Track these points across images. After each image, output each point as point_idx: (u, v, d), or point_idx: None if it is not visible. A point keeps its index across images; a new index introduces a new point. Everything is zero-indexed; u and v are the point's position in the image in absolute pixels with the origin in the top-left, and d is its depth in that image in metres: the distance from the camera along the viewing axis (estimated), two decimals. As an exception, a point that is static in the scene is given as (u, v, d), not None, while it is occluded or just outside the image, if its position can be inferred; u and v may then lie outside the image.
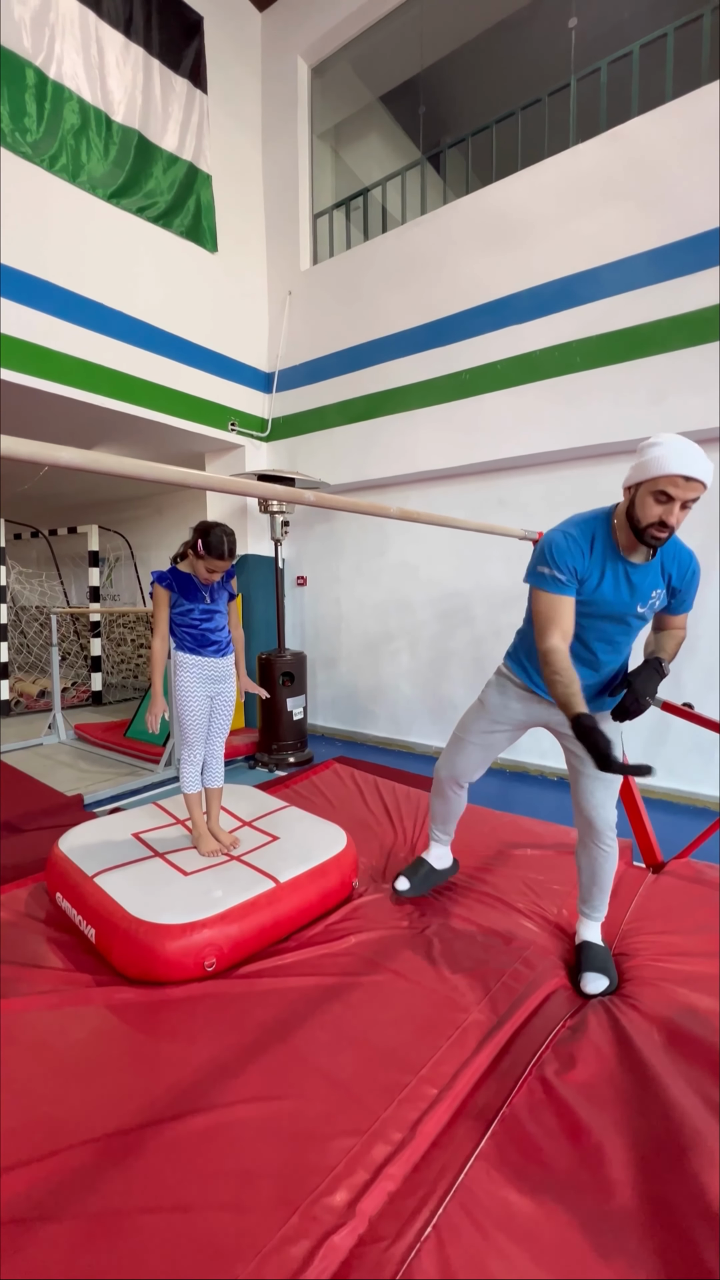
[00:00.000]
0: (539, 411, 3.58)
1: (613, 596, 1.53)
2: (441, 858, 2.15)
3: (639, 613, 1.56)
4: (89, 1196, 1.05)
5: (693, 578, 1.58)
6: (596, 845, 1.77)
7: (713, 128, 3.00)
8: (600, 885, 1.81)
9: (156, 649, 2.11)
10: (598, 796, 1.73)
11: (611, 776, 1.71)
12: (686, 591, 1.59)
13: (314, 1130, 1.19)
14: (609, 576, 1.51)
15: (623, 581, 1.52)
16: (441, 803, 2.07)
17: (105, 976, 1.70)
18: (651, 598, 1.55)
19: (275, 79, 4.90)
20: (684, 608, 1.63)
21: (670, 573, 1.56)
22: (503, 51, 4.62)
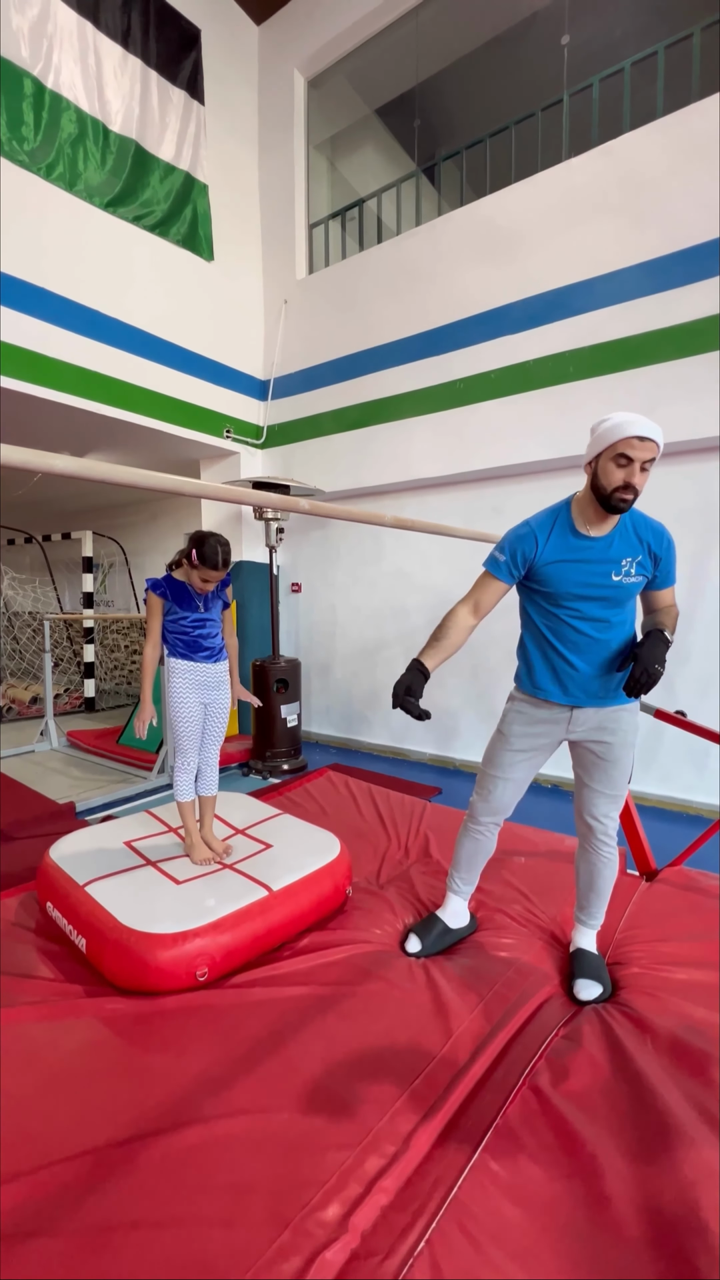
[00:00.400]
0: (532, 421, 3.61)
1: (578, 572, 1.59)
2: (458, 914, 1.95)
3: (614, 581, 1.58)
4: (79, 1211, 1.04)
5: (669, 546, 1.62)
6: (597, 853, 1.76)
7: (703, 144, 3.05)
8: (598, 892, 1.80)
9: (148, 655, 2.12)
10: (601, 808, 1.73)
11: (620, 792, 1.72)
12: (667, 560, 1.62)
13: (307, 1143, 1.18)
14: (570, 554, 1.59)
15: (587, 555, 1.59)
16: (471, 844, 1.91)
17: (96, 987, 1.68)
18: (624, 565, 1.58)
19: (272, 91, 4.95)
20: (668, 580, 1.65)
21: (647, 541, 1.60)
22: (497, 66, 4.69)
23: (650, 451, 1.45)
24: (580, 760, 1.75)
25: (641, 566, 1.59)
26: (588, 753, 1.71)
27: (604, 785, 1.70)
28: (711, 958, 1.80)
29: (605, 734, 1.67)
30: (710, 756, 3.23)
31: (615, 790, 1.72)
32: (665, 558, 1.61)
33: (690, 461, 3.28)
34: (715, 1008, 1.57)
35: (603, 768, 1.69)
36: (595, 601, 1.61)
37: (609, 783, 1.70)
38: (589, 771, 1.72)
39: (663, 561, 1.62)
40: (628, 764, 1.70)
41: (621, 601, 1.62)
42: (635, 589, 1.62)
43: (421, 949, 1.86)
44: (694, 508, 3.27)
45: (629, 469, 1.45)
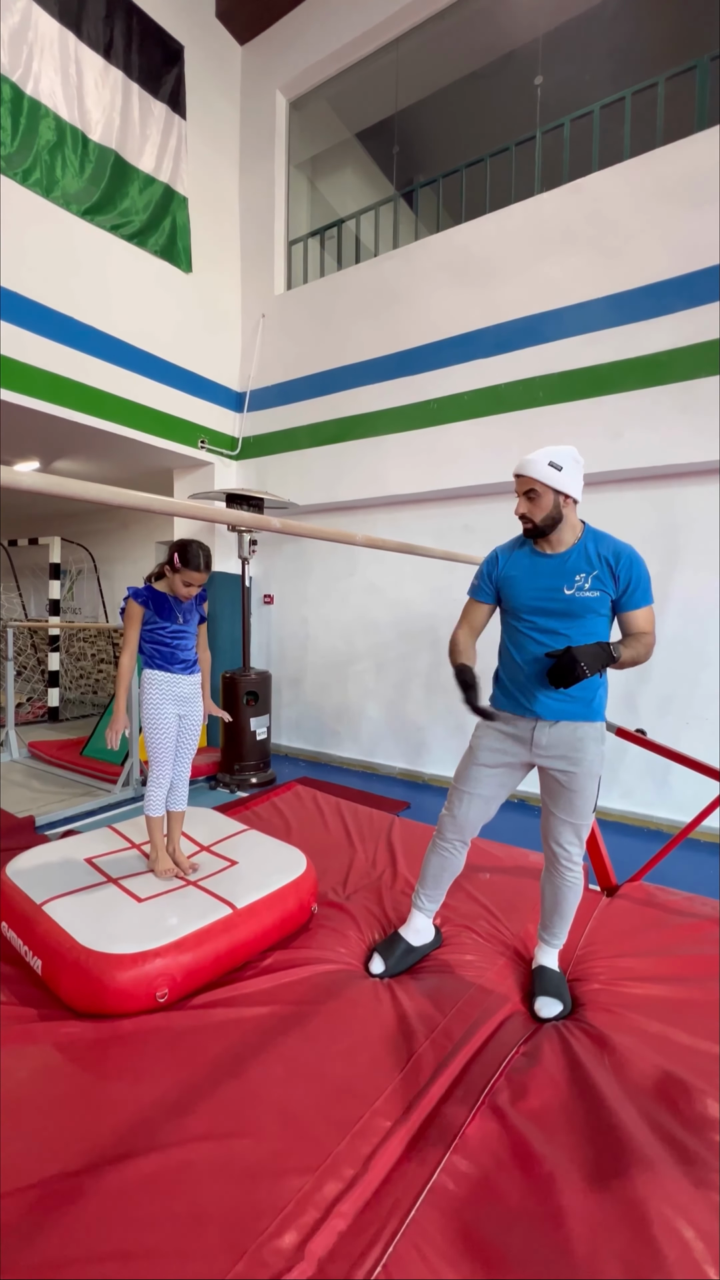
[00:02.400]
0: (503, 442, 3.70)
1: (532, 584, 1.73)
2: (421, 931, 1.96)
3: (566, 595, 1.67)
4: (27, 1247, 1.01)
5: (632, 564, 1.65)
6: (561, 878, 1.79)
7: (666, 187, 3.20)
8: (561, 914, 1.82)
9: (124, 664, 2.09)
10: (565, 836, 1.76)
11: (584, 821, 1.74)
12: (634, 580, 1.65)
13: (265, 1168, 1.17)
14: (527, 569, 1.76)
15: (540, 570, 1.73)
16: (438, 860, 1.91)
17: (51, 1010, 1.63)
18: (577, 579, 1.66)
19: (254, 110, 5.01)
20: (634, 602, 1.66)
21: (606, 559, 1.66)
22: (473, 101, 4.84)
23: (524, 484, 1.69)
24: (546, 787, 1.78)
25: (598, 582, 1.65)
26: (553, 780, 1.74)
27: (567, 814, 1.73)
28: (669, 973, 1.84)
29: (569, 763, 1.70)
30: (670, 773, 3.33)
31: (578, 819, 1.74)
32: (627, 578, 1.64)
33: (651, 487, 3.41)
34: (672, 1023, 1.61)
35: (566, 796, 1.72)
36: (550, 615, 1.70)
37: (572, 811, 1.73)
38: (554, 799, 1.75)
39: (625, 582, 1.65)
40: (591, 794, 1.72)
41: (576, 615, 1.67)
42: (591, 603, 1.66)
43: (385, 969, 1.85)
44: (655, 532, 3.39)
45: (519, 502, 1.72)
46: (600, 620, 1.68)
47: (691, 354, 3.11)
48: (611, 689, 3.50)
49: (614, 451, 3.32)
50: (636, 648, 1.64)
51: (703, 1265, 1.01)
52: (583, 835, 1.77)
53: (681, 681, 3.33)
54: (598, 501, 3.58)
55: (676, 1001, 1.70)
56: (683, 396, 3.13)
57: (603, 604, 1.66)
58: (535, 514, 1.67)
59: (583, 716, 1.69)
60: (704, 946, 1.97)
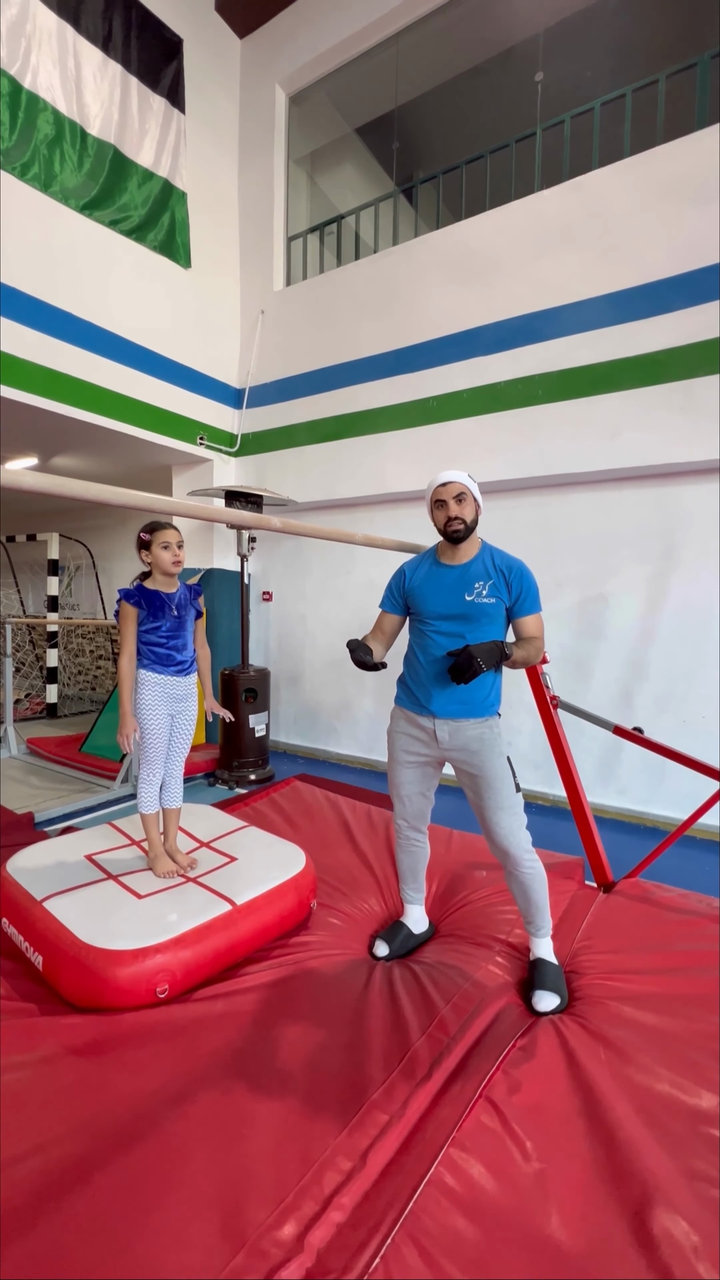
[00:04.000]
0: (502, 441, 3.70)
1: (436, 593, 1.89)
2: (418, 921, 2.10)
3: (467, 601, 1.83)
4: (28, 1235, 1.02)
5: (523, 576, 1.84)
6: (519, 870, 1.82)
7: (666, 185, 3.20)
8: (536, 905, 1.86)
9: (124, 667, 2.07)
10: (503, 824, 1.80)
11: (510, 803, 1.81)
12: (524, 590, 1.83)
13: (264, 1161, 1.18)
14: (431, 580, 1.92)
15: (443, 580, 1.88)
16: (406, 856, 2.08)
17: (52, 1006, 1.65)
18: (476, 587, 1.83)
19: (253, 104, 4.99)
20: (528, 609, 1.84)
21: (501, 570, 1.84)
22: (474, 97, 4.83)
23: (455, 489, 1.82)
24: (465, 785, 1.88)
25: (495, 589, 1.82)
26: (465, 774, 1.86)
27: (490, 798, 1.80)
28: (665, 968, 1.86)
29: (471, 754, 1.82)
30: (666, 770, 3.34)
31: (503, 801, 1.79)
32: (518, 588, 1.83)
33: (649, 486, 3.42)
34: (668, 1018, 1.63)
35: (482, 782, 1.81)
36: (452, 619, 1.85)
37: (494, 795, 1.80)
38: (475, 791, 1.85)
39: (518, 591, 1.83)
40: (505, 773, 1.80)
41: (475, 619, 1.83)
42: (488, 609, 1.82)
43: (390, 952, 1.97)
44: (654, 530, 3.40)
45: (446, 508, 1.83)
46: (495, 625, 1.85)
47: (690, 353, 3.12)
48: (609, 687, 3.55)
49: (612, 450, 3.33)
50: (528, 649, 1.79)
51: (695, 1261, 1.02)
52: (520, 818, 1.82)
53: (679, 680, 3.35)
54: (596, 500, 3.60)
55: (672, 996, 1.72)
56: (681, 396, 3.14)
57: (498, 610, 1.83)
58: (467, 514, 1.83)
59: (474, 714, 1.83)
60: (700, 942, 1.98)
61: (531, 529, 3.81)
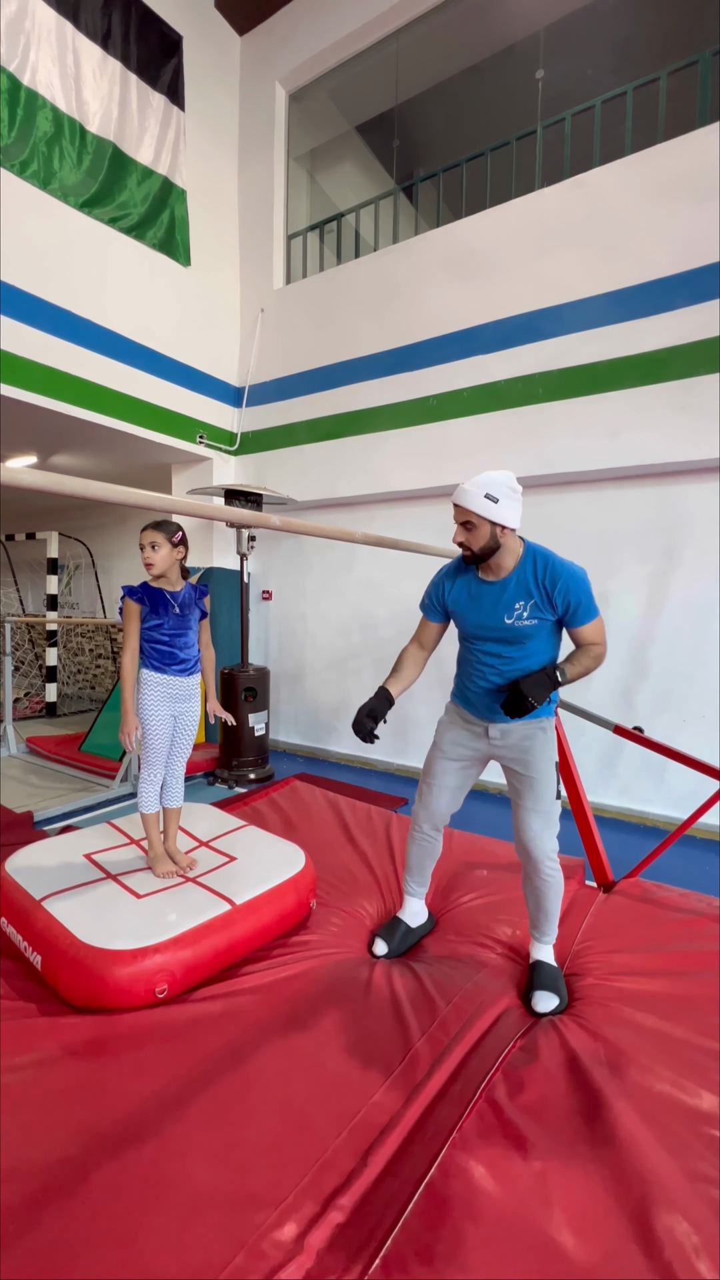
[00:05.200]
0: (502, 439, 3.70)
1: (474, 612, 1.78)
2: (416, 914, 2.10)
3: (507, 624, 1.72)
4: (29, 1235, 1.02)
5: (568, 588, 1.65)
6: (538, 875, 1.80)
7: (667, 183, 3.19)
8: (546, 913, 1.84)
9: (126, 665, 2.06)
10: (534, 828, 1.78)
11: (547, 808, 1.78)
12: (573, 602, 1.66)
13: (264, 1161, 1.18)
14: (469, 598, 1.80)
15: (482, 600, 1.76)
16: (418, 849, 2.05)
17: (51, 1005, 1.64)
18: (516, 608, 1.70)
19: (253, 102, 4.98)
20: (578, 620, 1.69)
21: (544, 585, 1.68)
22: (474, 94, 4.82)
23: (460, 515, 1.68)
24: (509, 779, 1.87)
25: (536, 610, 1.68)
26: (511, 771, 1.84)
27: (530, 801, 1.79)
28: (665, 968, 1.86)
29: (523, 752, 1.79)
30: (667, 770, 3.34)
31: (541, 806, 1.78)
32: (564, 602, 1.66)
33: (650, 485, 3.41)
34: (668, 1018, 1.63)
35: (526, 783, 1.79)
36: (493, 641, 1.76)
37: (534, 798, 1.78)
38: (516, 789, 1.83)
39: (564, 605, 1.67)
40: (550, 778, 1.78)
41: (519, 641, 1.72)
42: (533, 630, 1.70)
43: (389, 950, 1.96)
44: (654, 530, 3.39)
45: (457, 530, 1.71)
46: (544, 640, 1.74)
47: (691, 351, 3.11)
48: (609, 686, 3.54)
49: (613, 449, 3.32)
50: (584, 660, 1.70)
51: (697, 1262, 1.02)
52: (550, 828, 1.79)
53: (679, 679, 3.35)
54: (596, 499, 3.59)
55: (672, 996, 1.72)
56: (682, 394, 3.13)
57: (543, 629, 1.71)
58: (473, 543, 1.69)
59: (531, 715, 1.76)
60: (700, 942, 1.98)
61: (531, 528, 3.77)
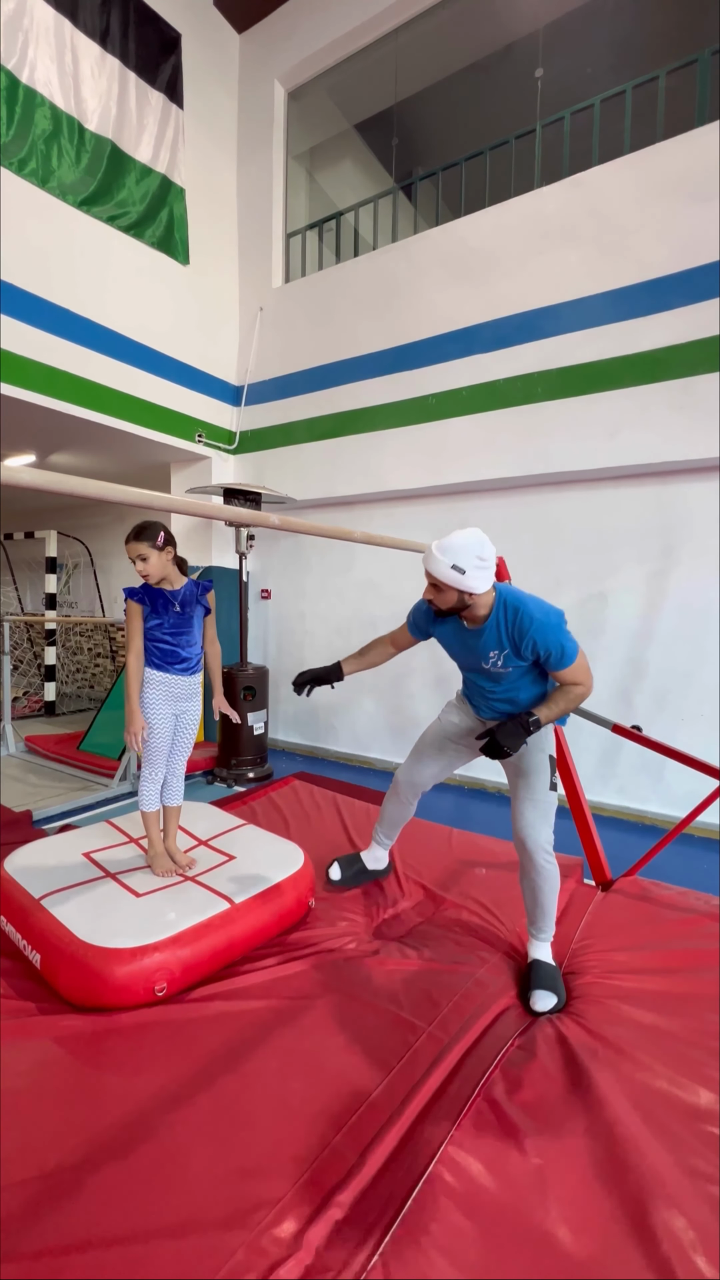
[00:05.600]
0: (501, 439, 3.70)
1: (460, 650, 1.89)
2: (378, 859, 2.32)
3: (485, 669, 1.81)
4: (27, 1236, 1.02)
5: (535, 641, 1.67)
6: (533, 867, 1.82)
7: (667, 182, 3.19)
8: (543, 908, 1.85)
9: (132, 665, 2.05)
10: (528, 816, 1.82)
11: (541, 799, 1.82)
12: (543, 652, 1.69)
13: (263, 1159, 1.18)
14: (454, 636, 1.87)
15: (463, 641, 1.84)
16: (394, 805, 2.23)
17: (50, 1004, 1.64)
18: (491, 656, 1.76)
19: (252, 100, 4.97)
20: (554, 666, 1.71)
21: (512, 638, 1.71)
22: (473, 92, 4.81)
23: (430, 579, 1.71)
24: (506, 772, 1.94)
25: (510, 659, 1.74)
26: (506, 763, 1.90)
27: (524, 791, 1.84)
28: (664, 967, 1.86)
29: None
30: (665, 769, 3.35)
31: (535, 795, 1.82)
32: (532, 654, 1.70)
33: (649, 484, 3.41)
34: (666, 1016, 1.63)
35: (520, 774, 1.86)
36: (479, 675, 1.88)
37: (528, 789, 1.83)
38: (511, 781, 1.90)
39: (533, 656, 1.71)
40: (545, 770, 1.83)
41: (510, 680, 1.80)
42: (517, 673, 1.78)
43: (341, 878, 2.24)
44: (653, 528, 3.40)
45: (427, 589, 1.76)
46: (526, 677, 1.80)
47: (690, 351, 3.11)
48: (608, 685, 3.55)
49: (612, 448, 3.33)
50: (562, 702, 1.74)
51: (694, 1258, 1.02)
52: (545, 818, 1.82)
53: (678, 678, 3.35)
54: (595, 498, 3.59)
55: (670, 995, 1.72)
56: (681, 394, 3.13)
57: (522, 670, 1.78)
58: (441, 604, 1.74)
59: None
60: (698, 940, 1.99)
61: (530, 527, 3.81)
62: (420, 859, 2.61)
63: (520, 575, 3.49)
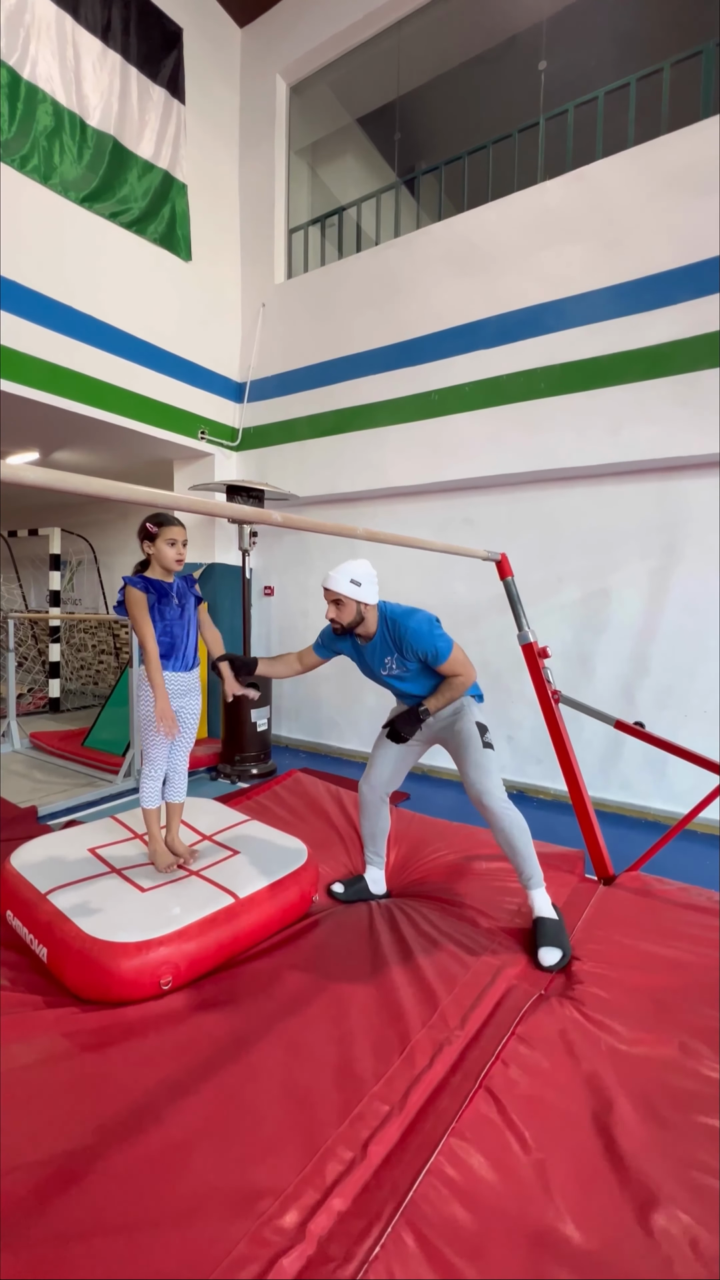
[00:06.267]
0: (504, 435, 3.69)
1: (361, 663, 2.16)
2: (376, 882, 2.33)
3: (383, 675, 2.10)
4: (34, 1223, 1.03)
5: (414, 642, 1.97)
6: (494, 817, 2.00)
7: (671, 175, 3.17)
8: (521, 853, 2.01)
9: (150, 652, 2.00)
10: (473, 776, 2.02)
11: (479, 758, 2.02)
12: (421, 650, 1.97)
13: (265, 1151, 1.20)
14: (353, 651, 2.16)
15: (360, 656, 2.14)
16: (367, 819, 2.30)
17: (57, 998, 1.66)
18: (386, 663, 2.06)
19: (254, 94, 4.95)
20: (433, 660, 1.99)
21: (397, 644, 2.01)
22: (476, 86, 4.78)
23: (331, 595, 2.01)
24: (449, 751, 2.13)
25: (400, 661, 2.03)
26: (446, 743, 2.13)
27: (465, 758, 2.05)
28: (663, 961, 1.87)
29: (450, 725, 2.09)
30: (668, 765, 3.35)
31: (475, 759, 2.03)
32: (411, 652, 1.98)
33: (652, 481, 3.40)
34: (666, 1008, 1.64)
35: (458, 744, 2.07)
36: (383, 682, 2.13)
37: (467, 753, 2.04)
38: (455, 756, 2.10)
39: (413, 655, 1.99)
40: (474, 735, 2.04)
41: (408, 681, 2.06)
42: (411, 673, 2.04)
43: (343, 893, 2.27)
44: (656, 525, 3.39)
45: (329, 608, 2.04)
46: (423, 676, 2.05)
47: (694, 345, 3.10)
48: (610, 682, 3.55)
49: (615, 444, 3.32)
50: (448, 692, 2.00)
51: (693, 1250, 1.03)
52: (491, 773, 2.02)
53: (680, 674, 3.35)
54: (598, 494, 3.59)
55: (672, 989, 1.73)
56: (684, 389, 3.12)
57: (416, 670, 2.03)
58: (342, 618, 2.01)
59: None
60: (700, 935, 1.99)
61: (533, 523, 3.80)
62: (422, 853, 2.63)
63: (523, 572, 3.48)
